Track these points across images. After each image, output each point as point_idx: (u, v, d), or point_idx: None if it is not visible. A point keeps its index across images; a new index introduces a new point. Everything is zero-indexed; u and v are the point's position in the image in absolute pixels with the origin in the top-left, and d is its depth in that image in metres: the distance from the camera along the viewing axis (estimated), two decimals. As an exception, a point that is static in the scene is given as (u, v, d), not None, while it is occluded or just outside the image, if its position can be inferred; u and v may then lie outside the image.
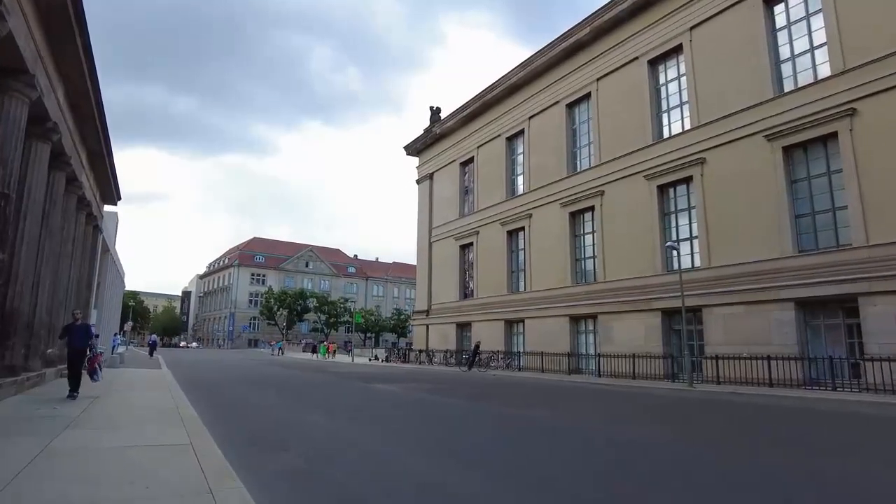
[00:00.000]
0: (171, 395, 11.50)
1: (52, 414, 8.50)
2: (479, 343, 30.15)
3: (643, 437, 8.25)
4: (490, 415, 10.80)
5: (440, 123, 42.46)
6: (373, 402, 12.62)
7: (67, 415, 8.39)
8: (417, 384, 18.39)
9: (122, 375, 17.87)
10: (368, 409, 11.06)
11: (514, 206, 34.36)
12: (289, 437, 7.60)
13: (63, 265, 15.59)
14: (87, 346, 11.29)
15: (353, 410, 10.76)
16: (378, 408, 11.38)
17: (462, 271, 39.40)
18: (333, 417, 9.61)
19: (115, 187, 21.52)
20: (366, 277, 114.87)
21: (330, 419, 9.40)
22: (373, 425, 8.89)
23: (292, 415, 9.90)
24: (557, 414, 11.07)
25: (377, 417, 9.84)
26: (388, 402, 12.65)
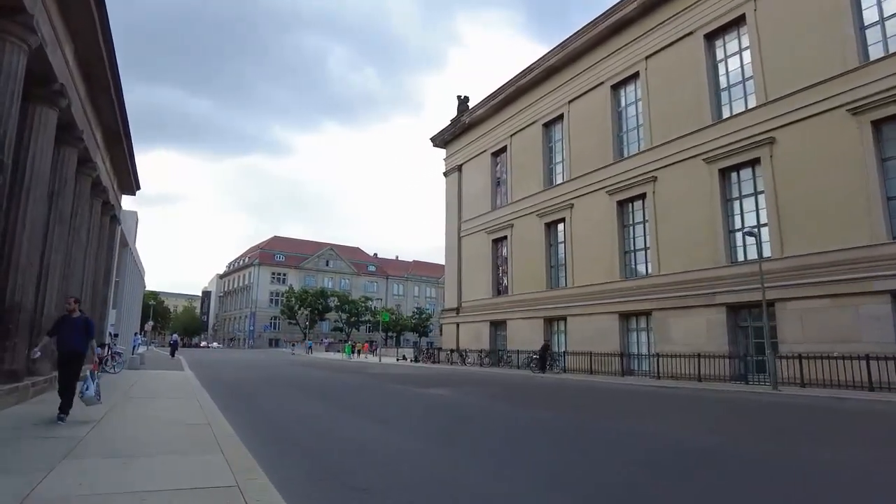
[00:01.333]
0: (198, 404, 9.66)
1: (53, 434, 6.68)
2: (548, 343, 27.86)
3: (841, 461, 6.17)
4: (616, 432, 8.63)
5: (469, 112, 40.44)
6: (440, 413, 10.61)
7: (72, 435, 6.57)
8: (478, 389, 16.40)
9: (143, 378, 16.15)
10: (440, 423, 9.10)
11: (553, 197, 32.22)
12: (364, 469, 5.66)
13: (76, 255, 13.88)
14: (85, 347, 8.26)
15: (424, 426, 8.77)
16: (451, 422, 9.40)
17: (495, 267, 37.34)
18: (408, 436, 7.64)
19: (133, 175, 19.87)
20: (386, 276, 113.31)
21: (405, 438, 7.45)
22: (464, 450, 6.91)
23: (353, 431, 7.95)
24: (698, 430, 8.95)
25: (458, 436, 7.88)
26: (457, 413, 10.65)
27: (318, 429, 8.14)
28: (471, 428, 8.52)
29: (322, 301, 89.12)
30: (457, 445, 7.12)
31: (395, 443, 6.94)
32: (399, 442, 7.06)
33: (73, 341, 8.03)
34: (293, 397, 12.62)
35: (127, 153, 17.64)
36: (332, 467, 5.72)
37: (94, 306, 17.39)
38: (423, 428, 8.42)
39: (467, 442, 7.38)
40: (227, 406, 10.03)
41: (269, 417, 9.27)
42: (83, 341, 8.11)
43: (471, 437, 7.78)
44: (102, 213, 17.92)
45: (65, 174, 12.07)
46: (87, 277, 15.65)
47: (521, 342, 31.99)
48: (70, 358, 8.06)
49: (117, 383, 14.04)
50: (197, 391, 12.22)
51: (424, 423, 8.89)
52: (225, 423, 7.60)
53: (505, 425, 8.75)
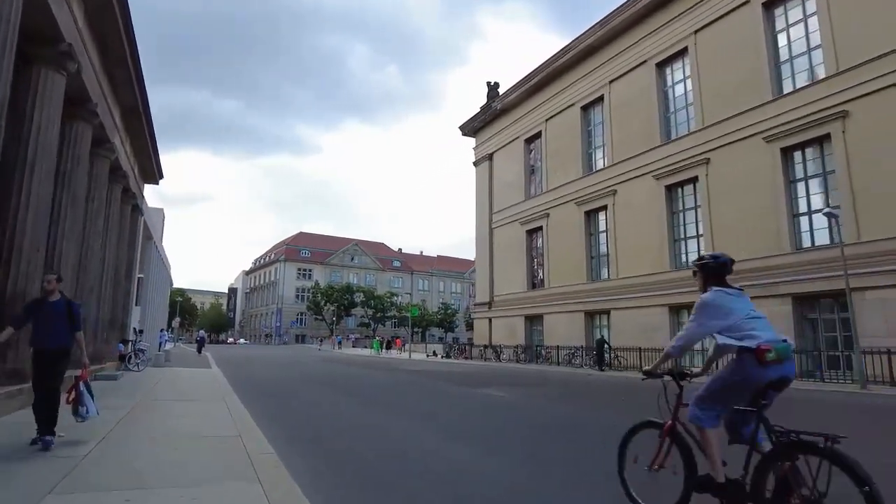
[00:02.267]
0: (228, 410, 8.34)
1: (46, 452, 5.37)
2: (603, 337, 26.09)
3: None
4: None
5: (501, 98, 38.78)
6: (513, 422, 9.04)
7: (71, 453, 5.26)
8: (536, 390, 14.87)
9: (167, 377, 15.01)
10: (524, 436, 7.60)
11: (593, 183, 30.46)
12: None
13: (93, 244, 12.73)
14: (71, 341, 5.91)
15: (508, 442, 7.26)
16: (535, 434, 7.89)
17: (530, 258, 35.72)
18: (501, 458, 6.14)
19: (155, 161, 18.75)
20: (411, 271, 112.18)
21: (497, 460, 5.98)
22: (575, 477, 5.43)
23: (420, 449, 6.51)
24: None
25: (559, 455, 6.38)
26: (533, 421, 9.12)
27: (378, 444, 6.71)
28: (568, 444, 7.01)
29: (348, 297, 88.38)
30: (565, 466, 5.64)
31: (491, 471, 5.44)
32: (495, 468, 5.56)
33: (54, 334, 5.75)
34: (334, 400, 11.24)
35: (148, 137, 16.50)
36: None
37: (115, 301, 16.33)
38: (509, 445, 6.90)
39: (571, 463, 5.90)
40: (261, 411, 8.71)
41: (312, 428, 7.87)
42: (67, 333, 5.83)
43: (574, 454, 6.29)
44: (123, 201, 16.83)
45: (78, 152, 10.86)
46: (106, 269, 14.54)
47: (561, 337, 30.37)
48: (52, 358, 5.79)
49: (139, 382, 12.89)
50: (225, 392, 10.95)
51: (504, 437, 7.39)
52: (260, 436, 6.23)
53: (603, 437, 7.24)
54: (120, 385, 11.98)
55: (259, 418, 7.71)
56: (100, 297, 14.09)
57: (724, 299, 3.44)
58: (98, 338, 14.14)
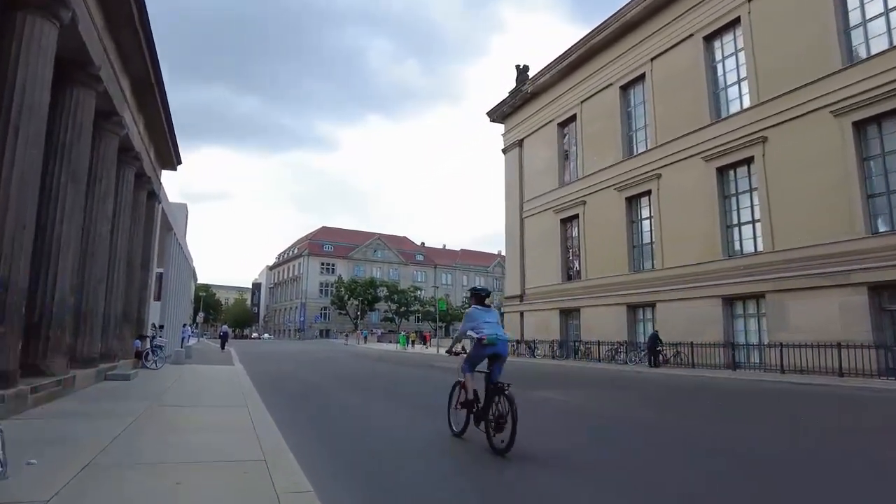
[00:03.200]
0: (250, 420, 6.89)
1: (18, 475, 3.94)
2: (657, 332, 24.10)
3: None
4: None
5: (532, 80, 36.91)
6: (598, 433, 7.53)
7: (41, 478, 3.81)
8: (592, 391, 13.29)
9: (186, 375, 13.72)
10: (618, 453, 6.02)
11: (635, 167, 28.54)
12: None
13: (100, 230, 11.42)
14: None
15: (604, 461, 5.69)
16: (629, 450, 6.29)
17: (564, 249, 33.91)
18: (609, 487, 4.59)
19: (172, 144, 17.47)
20: (434, 265, 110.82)
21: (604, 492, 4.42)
22: None
23: (504, 483, 4.97)
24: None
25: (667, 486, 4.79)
26: (655, 442, 7.47)
27: (445, 465, 5.19)
28: (676, 465, 5.40)
29: (371, 291, 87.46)
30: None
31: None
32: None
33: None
34: (377, 405, 9.68)
35: (163, 115, 15.18)
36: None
37: (129, 294, 15.08)
38: (608, 466, 5.34)
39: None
40: (290, 421, 7.26)
41: (358, 446, 6.34)
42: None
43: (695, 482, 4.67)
44: (137, 186, 15.56)
45: (78, 121, 9.51)
46: (118, 259, 13.25)
47: (600, 332, 28.60)
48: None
49: (154, 383, 11.58)
50: (248, 394, 9.53)
51: (632, 468, 5.80)
52: (291, 462, 4.73)
53: (716, 458, 5.59)
54: (131, 386, 10.67)
55: (289, 432, 6.24)
56: (110, 288, 12.82)
57: (476, 313, 6.35)
58: (109, 333, 12.88)
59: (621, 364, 25.05)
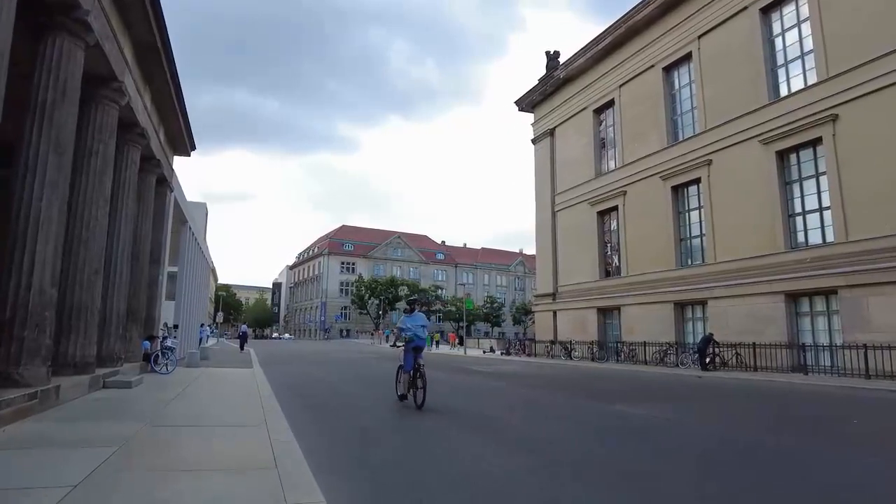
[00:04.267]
0: (271, 451, 5.11)
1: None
2: (711, 334, 21.80)
3: None
4: None
5: (564, 65, 34.86)
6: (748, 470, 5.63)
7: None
8: (676, 404, 11.36)
9: (198, 381, 12.06)
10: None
11: (682, 153, 26.38)
12: None
13: (95, 213, 9.77)
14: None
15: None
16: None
17: (602, 243, 31.82)
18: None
19: (184, 125, 15.86)
20: (455, 264, 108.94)
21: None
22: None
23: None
24: None
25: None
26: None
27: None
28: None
29: (392, 290, 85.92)
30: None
31: None
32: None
33: None
34: (422, 424, 7.87)
35: (172, 90, 13.56)
36: None
37: (135, 289, 13.47)
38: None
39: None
40: (327, 451, 5.49)
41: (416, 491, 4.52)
42: None
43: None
44: (144, 169, 13.98)
45: (61, 77, 7.85)
46: (120, 248, 11.62)
47: (643, 332, 26.50)
48: None
49: (158, 392, 9.92)
50: (268, 411, 7.77)
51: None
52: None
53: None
54: (130, 397, 9.00)
55: (322, 466, 4.43)
56: (111, 282, 11.19)
57: (405, 319, 9.57)
58: (111, 334, 11.26)
59: (671, 367, 22.95)
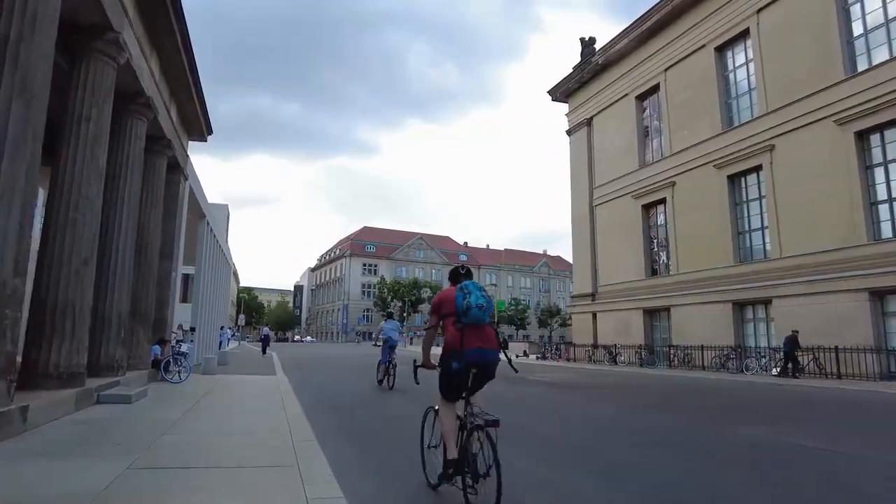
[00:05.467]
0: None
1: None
2: (796, 334, 19.08)
3: None
4: None
5: (602, 51, 32.69)
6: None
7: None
8: (815, 427, 9.22)
9: (213, 393, 10.27)
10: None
11: (739, 139, 24.07)
12: None
13: (85, 191, 8.01)
14: None
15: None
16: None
17: (647, 239, 29.56)
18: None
19: (199, 104, 14.15)
20: (478, 265, 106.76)
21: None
22: None
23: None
24: None
25: None
26: None
27: None
28: None
29: (415, 292, 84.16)
30: None
31: None
32: None
33: None
34: (540, 473, 5.81)
35: (185, 60, 11.84)
36: None
37: (141, 286, 11.73)
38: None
39: None
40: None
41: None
42: None
43: None
44: (153, 150, 12.28)
45: (31, 8, 6.06)
46: (120, 236, 9.85)
47: (696, 334, 24.20)
48: None
49: (161, 408, 8.13)
50: (299, 441, 5.87)
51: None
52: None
53: None
54: (123, 418, 7.18)
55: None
56: (110, 276, 9.44)
57: (384, 324, 13.48)
58: (110, 338, 9.50)
59: (735, 373, 20.65)
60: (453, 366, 3.74)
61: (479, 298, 3.77)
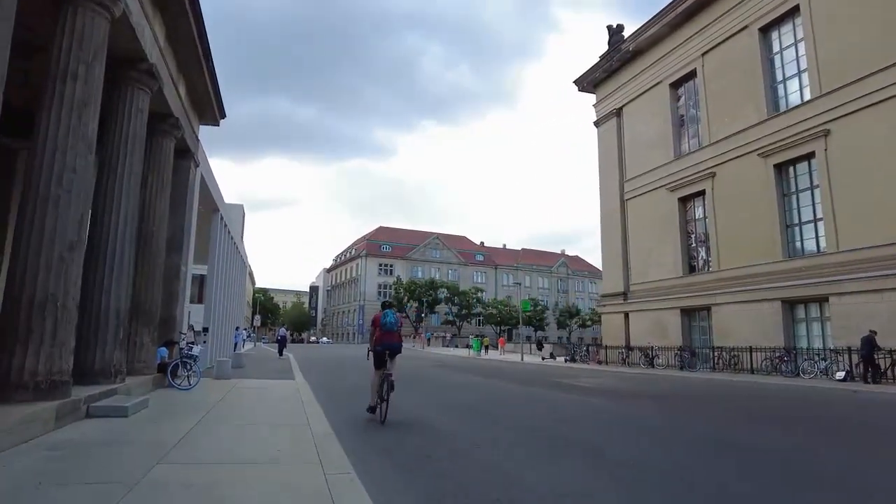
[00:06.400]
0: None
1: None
2: (873, 334, 17.04)
3: None
4: None
5: (633, 37, 31.04)
6: None
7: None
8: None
9: (224, 404, 8.95)
10: None
11: (787, 125, 22.33)
12: None
13: (71, 162, 6.68)
14: None
15: None
16: None
17: (685, 234, 27.85)
18: None
19: (211, 83, 12.86)
20: (495, 266, 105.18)
21: None
22: None
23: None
24: None
25: None
26: None
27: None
28: None
29: (432, 292, 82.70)
30: None
31: None
32: None
33: None
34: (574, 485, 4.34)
35: (194, 30, 10.54)
36: None
37: (145, 280, 10.41)
38: None
39: None
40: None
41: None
42: None
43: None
44: (158, 129, 11.00)
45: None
46: (116, 220, 8.54)
47: (741, 335, 22.48)
48: None
49: (161, 425, 6.79)
50: (332, 475, 4.46)
51: None
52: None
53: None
54: (111, 440, 5.81)
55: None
56: (105, 267, 8.13)
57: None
58: (106, 339, 8.18)
59: (790, 377, 18.94)
60: (377, 349, 7.86)
61: (390, 317, 7.95)
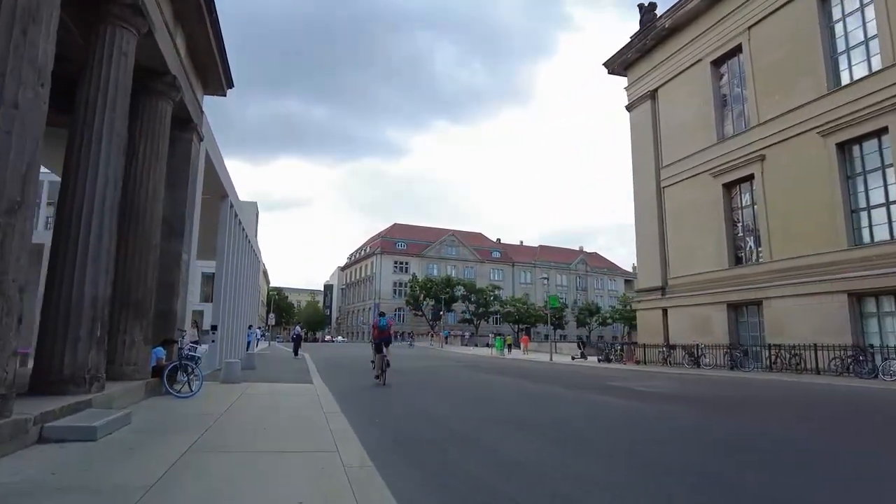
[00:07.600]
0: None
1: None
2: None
3: None
4: None
5: (670, 13, 28.89)
6: None
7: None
8: None
9: (228, 418, 7.23)
10: None
11: (851, 99, 20.14)
12: None
13: (11, 92, 4.91)
14: None
15: None
16: None
17: (730, 223, 25.70)
18: None
19: (216, 42, 11.14)
20: (512, 263, 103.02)
21: None
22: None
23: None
24: None
25: None
26: None
27: None
28: None
29: (448, 290, 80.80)
30: None
31: None
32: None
33: None
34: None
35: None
36: None
37: (137, 265, 8.70)
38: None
39: None
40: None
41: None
42: None
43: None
44: (152, 88, 9.28)
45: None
46: (90, 186, 6.79)
47: (801, 332, 20.34)
48: None
49: (139, 455, 5.04)
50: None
51: None
52: None
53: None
54: (57, 481, 4.06)
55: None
56: (73, 243, 6.39)
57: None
58: (78, 336, 6.46)
59: (868, 378, 16.86)
60: (376, 342, 14.18)
61: (382, 322, 14.59)
